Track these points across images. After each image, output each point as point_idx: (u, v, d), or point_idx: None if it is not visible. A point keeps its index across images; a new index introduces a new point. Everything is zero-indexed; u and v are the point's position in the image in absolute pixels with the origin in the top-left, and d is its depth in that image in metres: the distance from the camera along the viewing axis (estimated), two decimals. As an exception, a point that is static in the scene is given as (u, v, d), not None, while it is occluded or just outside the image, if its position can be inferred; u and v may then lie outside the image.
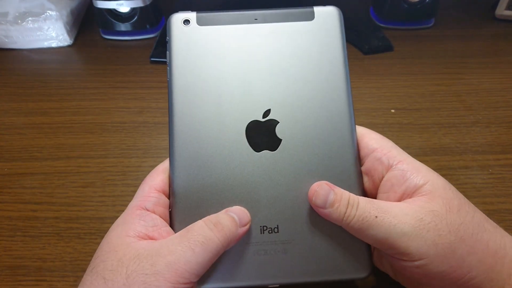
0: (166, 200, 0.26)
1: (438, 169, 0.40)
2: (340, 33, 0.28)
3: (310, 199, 0.25)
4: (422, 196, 0.24)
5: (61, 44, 0.60)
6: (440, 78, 0.53)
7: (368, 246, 0.25)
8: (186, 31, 0.28)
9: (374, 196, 0.26)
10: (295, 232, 0.25)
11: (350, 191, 0.25)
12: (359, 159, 0.27)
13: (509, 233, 0.24)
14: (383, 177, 0.26)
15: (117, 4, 0.58)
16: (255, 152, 0.26)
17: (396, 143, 0.28)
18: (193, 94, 0.27)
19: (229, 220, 0.24)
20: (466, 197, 0.23)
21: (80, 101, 0.50)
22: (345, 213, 0.23)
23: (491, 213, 0.36)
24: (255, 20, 0.28)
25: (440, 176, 0.25)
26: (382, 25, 0.63)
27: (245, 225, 0.24)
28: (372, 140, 0.27)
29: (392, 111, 0.47)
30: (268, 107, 0.27)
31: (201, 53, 0.27)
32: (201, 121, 0.26)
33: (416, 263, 0.22)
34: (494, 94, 0.50)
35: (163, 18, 0.65)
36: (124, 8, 0.59)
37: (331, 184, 0.25)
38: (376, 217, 0.23)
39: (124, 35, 0.62)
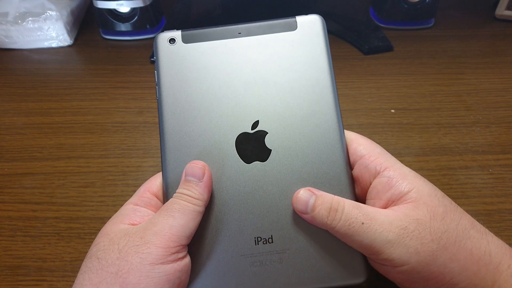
0: (158, 202, 0.27)
1: (438, 169, 0.40)
2: (323, 40, 0.28)
3: (293, 205, 0.25)
4: (407, 203, 0.24)
5: (61, 44, 0.60)
6: (440, 78, 0.53)
7: None
8: (172, 49, 0.28)
9: (363, 202, 0.27)
10: (289, 241, 0.25)
11: (342, 197, 0.25)
12: (349, 165, 0.27)
13: (508, 233, 0.24)
14: (370, 183, 0.26)
15: (117, 4, 0.58)
16: (245, 163, 0.26)
17: (396, 143, 0.28)
18: (183, 111, 0.27)
19: (190, 186, 0.25)
20: (466, 197, 0.23)
21: (80, 101, 0.50)
22: (328, 216, 0.24)
23: (491, 213, 0.36)
24: (239, 34, 0.28)
25: (427, 182, 0.25)
26: (382, 25, 0.63)
27: (203, 177, 0.25)
28: (360, 146, 0.27)
29: (392, 111, 0.47)
30: (256, 118, 0.27)
31: (188, 70, 0.28)
32: (191, 137, 0.27)
33: (398, 269, 0.23)
34: (494, 94, 0.50)
35: (163, 18, 0.65)
36: (124, 8, 0.59)
37: (314, 189, 0.25)
38: (363, 223, 0.23)
39: (124, 35, 0.62)
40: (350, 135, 0.28)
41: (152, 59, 0.57)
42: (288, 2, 0.64)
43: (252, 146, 0.27)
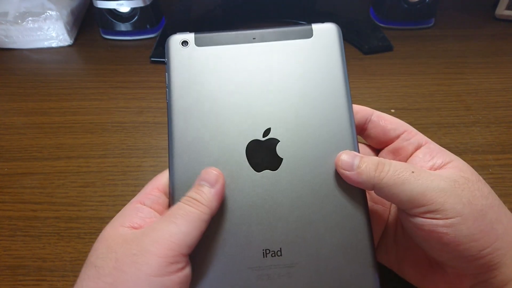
0: (166, 200, 0.26)
1: (438, 169, 0.40)
2: (339, 49, 0.28)
3: (336, 165, 0.25)
4: (451, 168, 0.25)
5: (61, 44, 0.60)
6: (440, 78, 0.53)
7: (374, 261, 0.25)
8: (184, 52, 0.27)
9: None
10: (299, 254, 0.24)
11: (356, 209, 0.25)
12: None
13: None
14: (411, 155, 0.27)
15: (117, 4, 0.58)
16: (256, 172, 0.26)
17: (396, 143, 0.28)
18: (193, 116, 0.26)
19: (200, 191, 0.24)
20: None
21: (80, 101, 0.50)
22: (376, 170, 0.23)
23: (491, 213, 0.36)
24: (253, 40, 0.28)
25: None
26: (382, 25, 0.63)
27: (216, 183, 0.24)
28: (400, 122, 0.28)
29: (392, 111, 0.47)
30: (268, 125, 0.26)
31: (200, 74, 0.27)
32: (201, 142, 0.26)
33: (449, 221, 0.22)
34: (494, 94, 0.50)
35: (163, 18, 0.65)
36: (124, 8, 0.59)
37: (356, 152, 0.25)
38: (413, 172, 0.23)
39: (124, 35, 0.62)
40: (384, 114, 0.29)
41: (152, 59, 0.57)
42: (288, 3, 0.64)
43: (263, 154, 0.26)
